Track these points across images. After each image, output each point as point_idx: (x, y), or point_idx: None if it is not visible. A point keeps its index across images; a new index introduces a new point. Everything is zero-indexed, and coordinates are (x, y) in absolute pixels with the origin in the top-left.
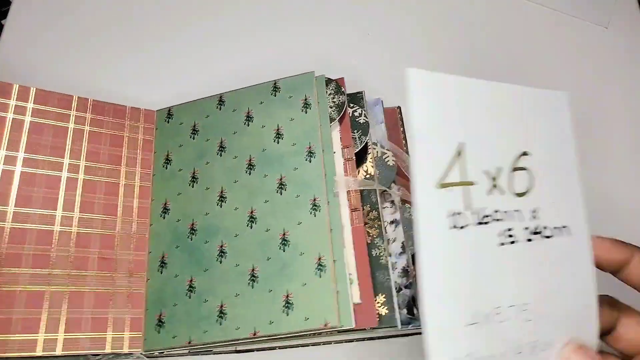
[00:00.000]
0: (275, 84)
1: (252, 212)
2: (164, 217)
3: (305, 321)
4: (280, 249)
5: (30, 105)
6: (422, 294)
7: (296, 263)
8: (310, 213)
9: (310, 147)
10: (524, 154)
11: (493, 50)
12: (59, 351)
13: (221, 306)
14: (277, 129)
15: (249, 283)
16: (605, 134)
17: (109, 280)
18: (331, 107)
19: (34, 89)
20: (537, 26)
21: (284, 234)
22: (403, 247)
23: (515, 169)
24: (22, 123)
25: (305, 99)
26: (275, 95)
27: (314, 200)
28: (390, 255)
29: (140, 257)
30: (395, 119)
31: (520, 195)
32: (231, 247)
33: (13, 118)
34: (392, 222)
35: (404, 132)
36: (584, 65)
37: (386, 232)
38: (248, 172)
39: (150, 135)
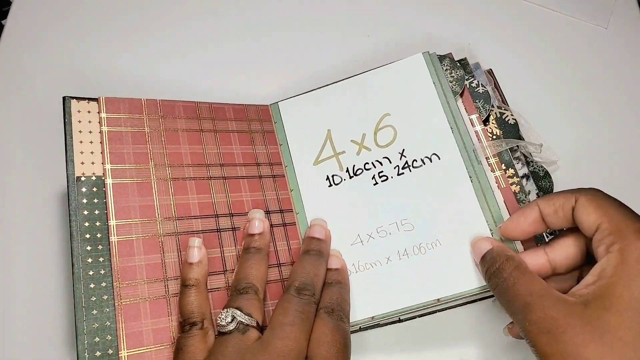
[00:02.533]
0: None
1: None
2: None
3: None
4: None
5: (160, 116)
6: None
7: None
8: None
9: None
10: (387, 114)
11: (493, 50)
12: None
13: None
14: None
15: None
16: (606, 134)
17: (276, 273)
18: (451, 82)
19: (159, 100)
20: (537, 26)
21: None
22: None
23: (379, 129)
24: (159, 134)
25: (430, 78)
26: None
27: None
28: None
29: (297, 246)
30: (491, 82)
31: (386, 146)
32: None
33: (149, 132)
34: (522, 177)
35: (501, 93)
36: (584, 65)
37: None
38: None
39: (270, 129)
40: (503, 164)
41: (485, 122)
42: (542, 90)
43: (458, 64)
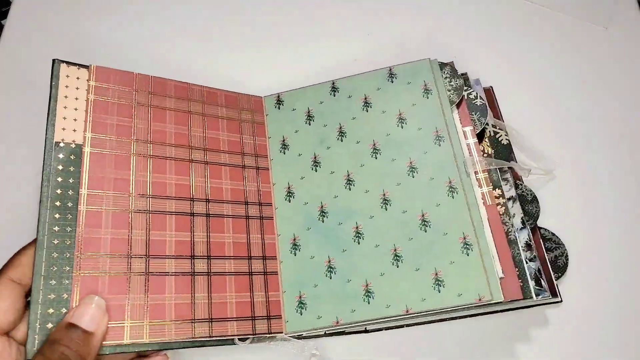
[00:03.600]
0: (390, 70)
1: (384, 194)
2: (289, 201)
3: (459, 297)
4: (421, 229)
5: (150, 92)
6: None
7: (440, 243)
8: (448, 195)
9: (437, 132)
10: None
11: (493, 50)
12: (210, 334)
13: (367, 285)
14: (399, 114)
15: (392, 262)
16: (605, 134)
17: (245, 265)
18: (449, 91)
19: (151, 76)
20: (537, 26)
21: (422, 215)
22: (523, 222)
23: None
24: (146, 110)
25: (425, 85)
26: (392, 82)
27: (450, 182)
28: (516, 231)
29: (271, 241)
30: (491, 99)
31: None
32: (367, 228)
33: (136, 106)
34: (509, 199)
35: (500, 111)
36: (584, 65)
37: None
38: (374, 156)
39: (261, 121)
40: (491, 183)
41: (479, 139)
42: (542, 90)
43: (458, 73)
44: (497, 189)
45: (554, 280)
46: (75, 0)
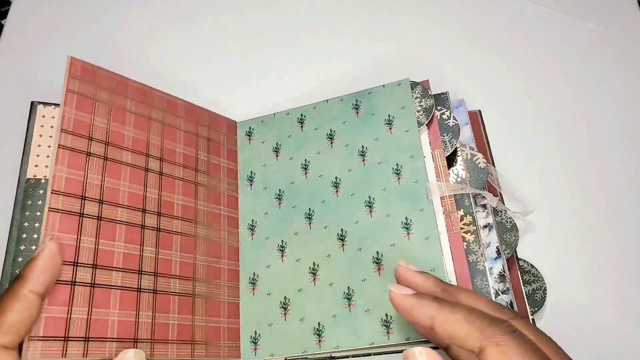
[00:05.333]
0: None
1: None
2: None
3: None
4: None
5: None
6: None
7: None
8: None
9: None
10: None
11: (493, 50)
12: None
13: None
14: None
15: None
16: (605, 134)
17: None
18: (418, 111)
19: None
20: (537, 26)
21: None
22: (498, 251)
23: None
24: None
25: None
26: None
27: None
28: (485, 261)
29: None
30: (476, 123)
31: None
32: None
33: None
34: (485, 227)
35: (486, 135)
36: (584, 65)
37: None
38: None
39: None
40: (462, 209)
41: (452, 160)
42: (541, 91)
43: (430, 93)
44: (468, 216)
45: (529, 315)
46: (75, 6)
